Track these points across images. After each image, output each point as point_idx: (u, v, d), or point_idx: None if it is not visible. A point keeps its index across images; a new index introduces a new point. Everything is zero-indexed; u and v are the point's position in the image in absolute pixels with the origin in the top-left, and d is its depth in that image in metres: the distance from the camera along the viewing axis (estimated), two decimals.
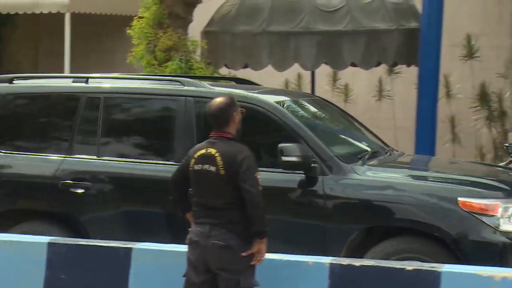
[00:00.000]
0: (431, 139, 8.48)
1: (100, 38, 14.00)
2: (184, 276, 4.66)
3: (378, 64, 9.86)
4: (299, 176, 5.83)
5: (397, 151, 6.84)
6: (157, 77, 7.13)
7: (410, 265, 4.76)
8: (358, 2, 9.02)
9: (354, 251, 5.71)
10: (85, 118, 6.45)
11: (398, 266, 4.75)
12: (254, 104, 6.11)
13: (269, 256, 4.73)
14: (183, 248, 4.78)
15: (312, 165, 5.75)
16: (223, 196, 4.59)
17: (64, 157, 6.37)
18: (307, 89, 11.44)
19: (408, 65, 9.74)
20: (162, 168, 6.08)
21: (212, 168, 4.58)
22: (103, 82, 6.76)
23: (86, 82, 6.63)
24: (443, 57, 9.24)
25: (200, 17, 10.20)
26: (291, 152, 5.69)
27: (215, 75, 9.38)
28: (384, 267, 4.80)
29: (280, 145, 5.72)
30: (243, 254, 4.53)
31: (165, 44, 9.12)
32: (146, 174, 6.26)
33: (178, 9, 9.57)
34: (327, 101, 7.19)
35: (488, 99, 12.18)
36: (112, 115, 6.55)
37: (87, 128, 6.46)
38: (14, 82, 6.72)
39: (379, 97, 12.04)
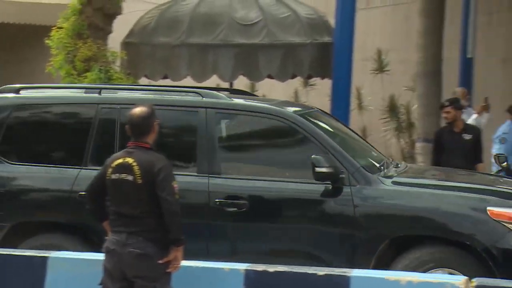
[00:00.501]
0: None
1: (18, 48, 13.68)
2: (100, 284, 4.57)
3: (294, 77, 9.94)
4: (325, 187, 5.72)
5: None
6: (174, 88, 6.71)
7: (322, 270, 4.77)
8: (274, 16, 9.08)
9: (383, 260, 5.61)
10: (101, 129, 6.10)
11: (310, 271, 4.76)
12: (279, 117, 5.99)
13: (185, 263, 4.68)
14: (99, 256, 4.68)
15: (340, 175, 5.67)
16: (140, 205, 4.52)
17: (81, 168, 6.02)
18: None
19: (322, 77, 9.85)
20: (185, 180, 5.70)
21: (130, 177, 4.51)
22: (119, 92, 6.45)
23: (99, 93, 6.28)
24: (355, 70, 9.36)
25: (120, 28, 10.09)
26: (324, 163, 5.59)
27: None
28: (297, 272, 4.80)
29: (313, 156, 5.62)
30: (160, 261, 4.47)
31: (84, 54, 8.97)
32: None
33: (97, 20, 9.43)
34: (326, 112, 7.14)
35: (397, 111, 12.48)
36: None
37: (104, 139, 6.09)
38: (20, 92, 6.34)
39: None
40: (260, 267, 4.86)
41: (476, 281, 4.33)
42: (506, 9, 13.41)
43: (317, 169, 5.59)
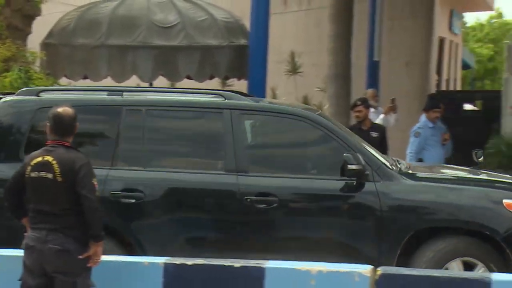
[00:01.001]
0: None
1: None
2: (20, 280, 4.48)
3: (212, 77, 9.95)
4: (350, 183, 5.77)
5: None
6: (196, 90, 6.58)
7: (238, 262, 4.78)
8: (192, 19, 9.08)
9: (408, 251, 5.71)
10: (128, 131, 5.94)
11: (227, 264, 4.77)
12: (302, 117, 6.04)
13: (105, 258, 4.63)
14: (18, 252, 4.59)
15: (366, 172, 5.74)
16: (60, 202, 4.45)
17: (110, 169, 5.81)
18: None
19: (239, 78, 9.90)
20: (212, 178, 5.83)
21: (49, 175, 4.44)
22: (142, 94, 6.28)
23: (121, 95, 6.09)
24: (270, 72, 9.43)
25: (40, 30, 9.89)
26: (355, 161, 5.67)
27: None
28: (214, 264, 4.79)
29: (345, 154, 5.70)
30: (80, 256, 4.42)
31: (3, 54, 8.75)
32: (196, 184, 5.87)
33: (16, 21, 9.23)
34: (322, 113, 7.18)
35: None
36: (157, 127, 6.04)
37: (131, 139, 5.96)
38: (40, 95, 6.07)
39: None
40: (178, 260, 4.83)
41: (381, 269, 4.45)
42: (408, 17, 13.83)
43: (349, 167, 5.68)
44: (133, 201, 5.73)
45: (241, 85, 10.39)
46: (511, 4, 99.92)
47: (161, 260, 4.85)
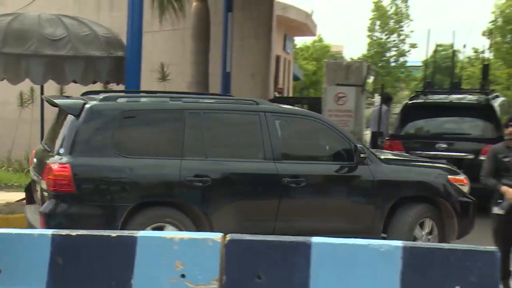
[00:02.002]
0: None
1: None
2: None
3: (95, 82, 9.56)
4: (355, 165, 6.42)
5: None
6: (233, 97, 7.20)
7: (114, 233, 4.61)
8: (77, 34, 8.67)
9: (390, 214, 6.48)
10: (191, 129, 6.04)
11: (105, 234, 4.57)
12: (314, 118, 6.61)
13: None
14: None
15: (368, 158, 6.47)
16: None
17: (181, 159, 5.92)
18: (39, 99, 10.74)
19: (118, 83, 9.59)
20: (257, 165, 6.18)
21: None
22: (196, 100, 6.43)
23: (181, 100, 6.26)
24: (144, 79, 9.23)
25: None
26: (363, 150, 6.40)
27: None
28: (95, 235, 4.59)
29: (359, 145, 6.43)
30: None
31: None
32: (247, 170, 6.16)
33: None
34: None
35: None
36: (212, 126, 6.18)
37: (194, 136, 6.04)
38: (118, 100, 6.00)
39: None
40: (64, 232, 4.59)
41: (229, 236, 4.45)
42: (253, 38, 14.02)
43: (362, 155, 6.39)
44: (201, 184, 5.91)
45: (119, 88, 10.08)
46: (329, 32, 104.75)
47: (49, 231, 4.58)
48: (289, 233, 5.79)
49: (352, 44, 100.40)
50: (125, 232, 4.67)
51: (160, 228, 5.78)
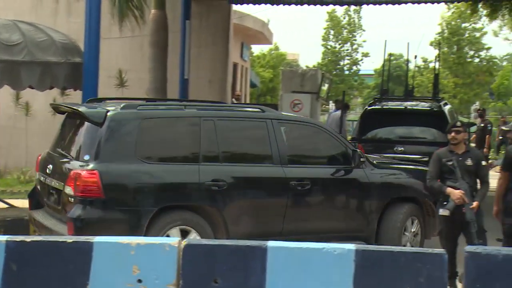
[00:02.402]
0: None
1: None
2: None
3: (52, 87, 9.33)
4: (352, 168, 6.75)
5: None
6: (240, 104, 7.15)
7: (70, 238, 4.52)
8: (33, 40, 8.45)
9: (383, 212, 6.81)
10: (206, 135, 6.17)
11: (61, 240, 4.46)
12: (314, 124, 7.02)
13: None
14: None
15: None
16: None
17: (199, 164, 6.06)
18: None
19: (75, 89, 9.38)
20: (266, 169, 6.38)
21: None
22: (207, 108, 6.55)
23: (196, 108, 6.42)
24: (102, 84, 9.08)
25: None
26: (362, 155, 6.79)
27: None
28: (50, 241, 4.48)
29: (359, 151, 6.76)
30: None
31: None
32: (258, 174, 6.35)
33: None
34: None
35: None
36: (225, 132, 6.29)
37: (209, 142, 6.18)
38: (138, 108, 6.09)
39: (53, 113, 11.44)
40: (18, 238, 4.45)
41: (186, 241, 4.40)
42: (210, 45, 13.98)
43: (362, 159, 6.78)
44: (217, 188, 6.04)
45: (77, 94, 9.87)
46: (285, 40, 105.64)
47: (3, 238, 4.43)
48: (295, 233, 6.32)
49: (308, 53, 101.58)
50: (81, 238, 4.56)
51: (181, 231, 5.95)
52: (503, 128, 7.05)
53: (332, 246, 4.41)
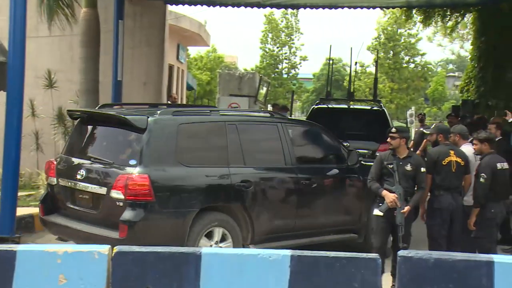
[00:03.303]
0: (16, 149, 7.95)
1: None
2: None
3: None
4: (348, 166, 7.54)
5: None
6: (251, 110, 7.96)
7: None
8: None
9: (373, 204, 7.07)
10: (231, 139, 6.67)
11: None
12: (315, 126, 7.75)
13: None
14: None
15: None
16: None
17: (228, 166, 6.53)
18: None
19: None
20: (281, 169, 7.01)
21: None
22: (228, 113, 7.12)
23: (219, 114, 6.94)
24: (29, 85, 8.77)
25: None
26: (358, 155, 7.60)
27: None
28: None
29: (358, 151, 7.54)
30: None
31: None
32: (277, 174, 6.95)
33: None
34: None
35: (64, 118, 12.02)
36: (245, 136, 6.81)
37: (234, 145, 6.67)
38: (173, 114, 6.49)
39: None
40: None
41: (117, 248, 4.32)
42: (145, 46, 13.80)
43: (360, 158, 7.56)
44: (245, 189, 6.58)
45: (1, 94, 9.52)
46: (223, 42, 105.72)
47: None
48: (306, 228, 7.06)
49: (246, 55, 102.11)
50: (4, 246, 4.40)
51: (213, 232, 6.41)
52: (425, 131, 7.42)
53: (267, 252, 4.44)
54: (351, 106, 11.66)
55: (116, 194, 5.99)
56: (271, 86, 38.09)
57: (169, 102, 15.31)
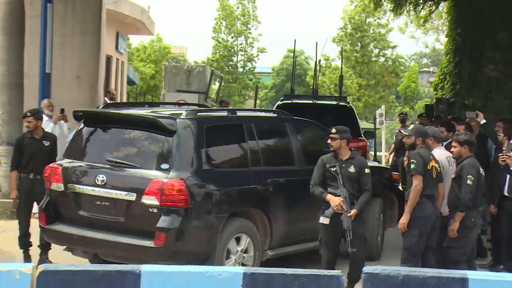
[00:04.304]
0: None
1: None
2: None
3: None
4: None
5: None
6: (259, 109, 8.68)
7: None
8: None
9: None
10: (250, 139, 7.21)
11: None
12: (318, 125, 8.25)
13: None
14: None
15: None
16: None
17: (249, 168, 7.01)
18: None
19: None
20: (294, 170, 7.57)
21: None
22: (244, 112, 7.97)
23: (236, 113, 7.49)
24: None
25: None
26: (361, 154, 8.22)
27: None
28: None
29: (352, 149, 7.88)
30: None
31: None
32: (291, 175, 7.47)
33: None
34: None
35: None
36: (260, 136, 7.31)
37: (252, 145, 7.22)
38: (198, 114, 6.87)
39: None
40: None
41: (42, 267, 4.25)
42: (78, 34, 13.64)
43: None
44: (264, 191, 7.06)
45: None
46: (169, 31, 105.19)
47: None
48: (315, 227, 7.18)
49: (196, 46, 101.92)
50: None
51: (240, 238, 6.87)
52: (402, 131, 7.55)
53: (217, 269, 4.45)
54: (316, 102, 12.39)
55: (148, 200, 6.25)
56: (225, 81, 38.13)
57: (106, 99, 15.13)
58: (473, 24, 14.79)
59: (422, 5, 17.47)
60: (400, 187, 9.19)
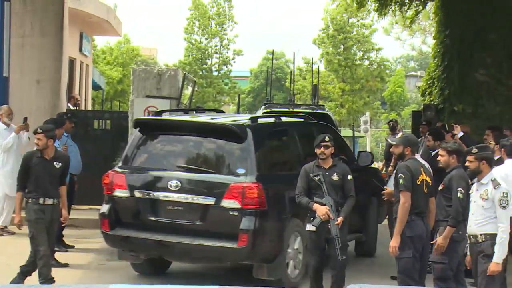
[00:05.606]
0: None
1: None
2: None
3: None
4: (357, 168, 9.02)
5: None
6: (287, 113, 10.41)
7: None
8: None
9: None
10: (295, 142, 8.37)
11: None
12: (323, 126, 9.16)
13: None
14: None
15: None
16: None
17: (295, 172, 7.57)
18: None
19: None
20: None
21: None
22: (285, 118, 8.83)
23: (279, 118, 8.59)
24: None
25: None
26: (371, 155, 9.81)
27: None
28: None
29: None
30: None
31: None
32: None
33: None
34: None
35: None
36: (300, 139, 8.34)
37: (297, 148, 8.38)
38: (259, 120, 8.09)
39: None
40: None
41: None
42: (38, 35, 13.51)
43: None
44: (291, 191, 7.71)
45: None
46: (138, 31, 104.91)
47: None
48: (358, 220, 8.62)
49: (167, 48, 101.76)
50: None
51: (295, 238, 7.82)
52: (389, 140, 7.58)
53: None
54: (294, 109, 12.87)
55: (229, 203, 7.20)
56: (198, 85, 38.07)
57: (69, 105, 15.00)
58: (462, 25, 14.86)
59: (408, 4, 17.56)
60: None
